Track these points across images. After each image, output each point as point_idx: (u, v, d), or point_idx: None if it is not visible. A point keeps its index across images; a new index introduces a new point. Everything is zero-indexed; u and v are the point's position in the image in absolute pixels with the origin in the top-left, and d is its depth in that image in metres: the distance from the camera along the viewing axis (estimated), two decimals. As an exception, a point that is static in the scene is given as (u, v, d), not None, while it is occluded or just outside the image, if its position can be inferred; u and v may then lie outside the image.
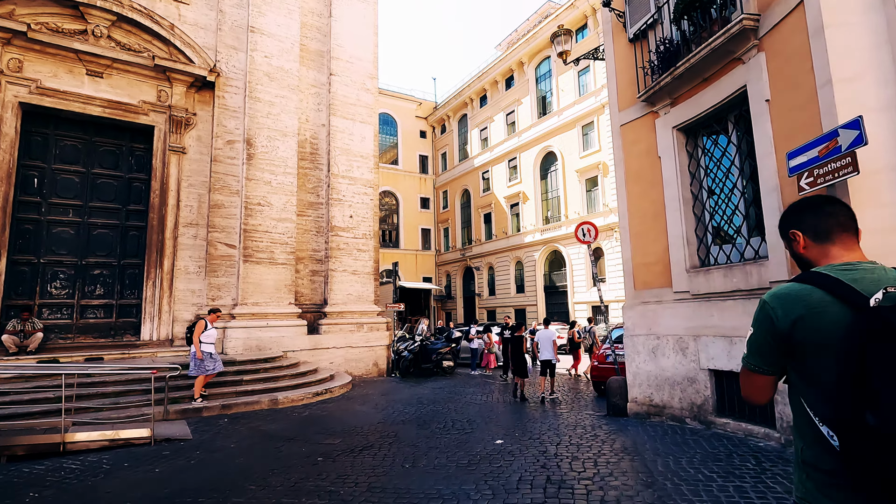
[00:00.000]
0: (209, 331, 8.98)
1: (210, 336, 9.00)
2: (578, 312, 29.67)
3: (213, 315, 9.29)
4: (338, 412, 9.23)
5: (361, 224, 14.24)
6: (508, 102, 36.01)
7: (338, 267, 13.83)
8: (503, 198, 36.04)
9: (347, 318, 13.69)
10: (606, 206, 28.02)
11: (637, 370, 7.64)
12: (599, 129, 28.87)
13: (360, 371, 13.62)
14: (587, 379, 13.10)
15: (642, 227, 7.76)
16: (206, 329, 8.94)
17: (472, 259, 39.07)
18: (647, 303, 7.60)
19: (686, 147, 7.27)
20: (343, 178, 14.18)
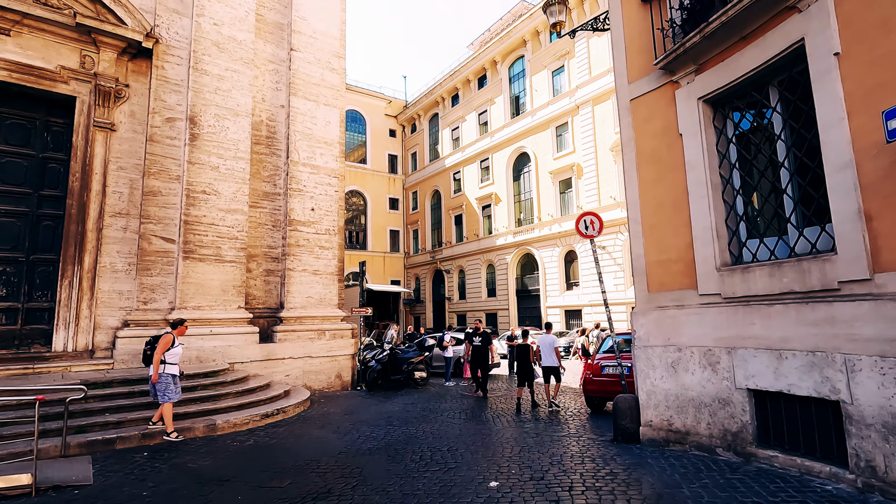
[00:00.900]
0: (176, 348, 7.26)
1: (176, 355, 7.27)
2: (551, 317, 28.68)
3: (181, 327, 7.55)
4: (290, 439, 7.57)
5: (324, 218, 12.57)
6: (481, 102, 34.91)
7: (297, 266, 12.11)
8: (475, 199, 34.85)
9: (307, 325, 11.97)
10: (580, 209, 27.17)
11: (652, 388, 6.36)
12: (573, 130, 28.07)
13: (320, 384, 11.92)
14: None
15: (658, 219, 6.51)
16: (172, 346, 7.21)
17: (442, 262, 37.66)
18: (664, 308, 6.33)
19: (714, 122, 6.07)
20: (304, 167, 12.49)
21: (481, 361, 11.34)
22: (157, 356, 7.06)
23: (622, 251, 24.98)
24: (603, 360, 9.21)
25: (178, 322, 7.60)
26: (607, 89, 26.03)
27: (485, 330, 11.78)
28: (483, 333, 11.49)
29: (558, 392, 9.97)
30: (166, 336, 7.23)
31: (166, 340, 7.16)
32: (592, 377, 9.17)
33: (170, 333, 7.32)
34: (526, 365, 9.72)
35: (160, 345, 7.10)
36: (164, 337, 7.22)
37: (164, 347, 7.11)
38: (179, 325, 7.56)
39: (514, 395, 11.47)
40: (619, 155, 26.15)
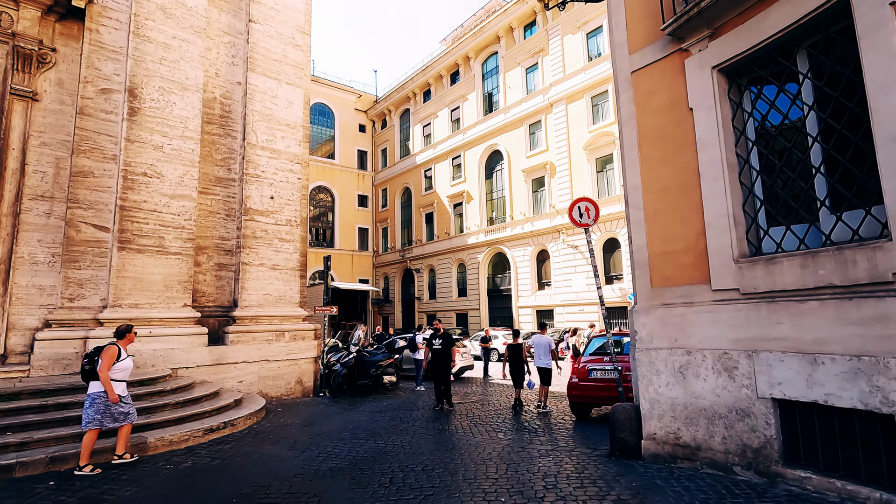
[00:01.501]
0: (123, 361, 6.04)
1: (124, 370, 6.06)
2: (523, 317, 28.08)
3: (129, 335, 6.27)
4: (237, 459, 6.41)
5: (285, 208, 11.36)
6: (453, 98, 34.06)
7: (253, 260, 10.86)
8: (446, 197, 33.95)
9: (264, 325, 10.74)
10: (553, 208, 26.69)
11: (656, 396, 5.56)
12: (547, 128, 27.57)
13: (278, 391, 10.71)
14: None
15: (663, 205, 5.72)
16: (119, 358, 5.98)
17: (412, 261, 36.59)
18: (670, 305, 5.55)
19: (729, 95, 5.32)
20: (263, 150, 11.24)
21: (442, 368, 9.49)
22: (105, 373, 5.75)
23: (594, 250, 24.55)
24: (590, 363, 8.42)
25: (125, 329, 6.26)
26: (581, 87, 25.64)
27: (446, 331, 10.11)
28: (444, 335, 9.75)
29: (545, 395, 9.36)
30: (110, 348, 5.92)
31: (111, 353, 5.87)
32: (579, 381, 8.37)
33: (114, 344, 6.03)
34: (518, 365, 9.56)
35: (104, 358, 5.80)
36: (107, 349, 5.89)
37: (110, 361, 5.83)
38: (127, 333, 6.25)
39: (492, 400, 10.59)
40: (593, 154, 25.89)
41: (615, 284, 23.92)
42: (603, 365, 8.19)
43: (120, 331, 6.21)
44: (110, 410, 5.80)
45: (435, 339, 9.82)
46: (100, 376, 5.72)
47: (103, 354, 5.83)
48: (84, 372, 5.85)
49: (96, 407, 5.72)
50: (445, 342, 9.67)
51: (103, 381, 5.71)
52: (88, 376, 5.83)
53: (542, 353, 9.35)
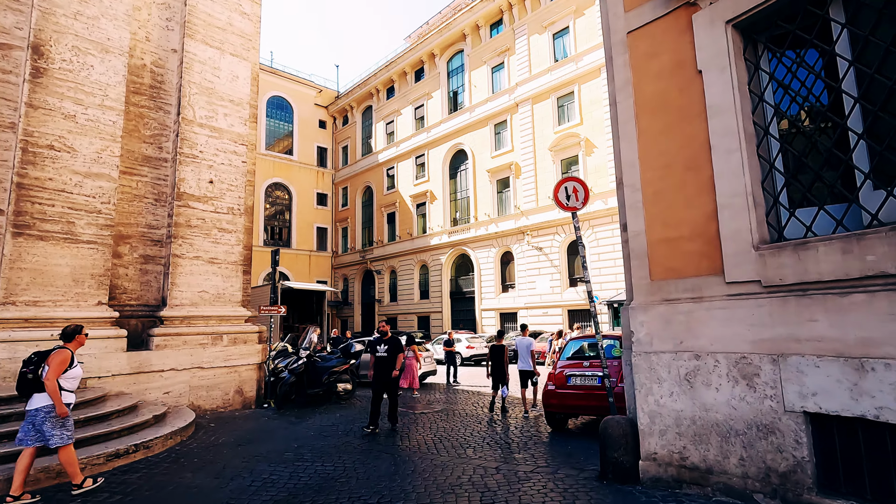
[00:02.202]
0: (74, 368, 5.08)
1: (75, 378, 5.11)
2: (486, 320, 27.27)
3: (79, 337, 5.25)
4: (145, 492, 5.07)
5: (227, 194, 9.95)
6: (417, 96, 33.04)
7: (187, 252, 9.39)
8: (409, 197, 32.82)
9: (199, 326, 9.29)
10: (518, 209, 26.08)
11: (656, 408, 4.67)
12: (512, 128, 26.98)
13: (214, 403, 9.27)
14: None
15: (665, 183, 4.87)
16: (71, 365, 5.03)
17: (372, 262, 35.19)
18: (674, 301, 4.68)
19: (745, 55, 4.53)
20: (202, 128, 9.80)
21: (386, 379, 7.83)
22: (53, 381, 4.78)
23: (559, 253, 24.08)
24: (568, 368, 7.53)
25: (74, 330, 5.21)
26: (547, 88, 25.19)
27: (393, 334, 8.52)
28: (391, 340, 8.03)
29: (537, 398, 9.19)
30: (62, 352, 4.96)
31: (63, 358, 4.92)
32: (556, 389, 7.44)
33: (65, 348, 5.05)
34: (500, 367, 9.16)
35: (54, 364, 4.84)
36: (58, 353, 4.93)
37: (61, 368, 4.88)
38: (77, 335, 5.21)
39: (458, 409, 9.55)
40: (559, 155, 25.47)
41: (579, 287, 23.47)
42: (583, 370, 7.31)
43: (67, 332, 5.17)
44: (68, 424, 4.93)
45: (379, 345, 7.97)
46: (45, 385, 4.76)
47: (52, 360, 4.85)
48: (24, 381, 4.83)
49: (52, 422, 4.80)
50: (392, 348, 7.88)
51: (50, 391, 4.75)
52: (31, 387, 4.82)
53: (523, 356, 8.99)
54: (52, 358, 4.87)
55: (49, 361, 4.84)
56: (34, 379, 4.80)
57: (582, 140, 23.50)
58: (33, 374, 4.82)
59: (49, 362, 4.83)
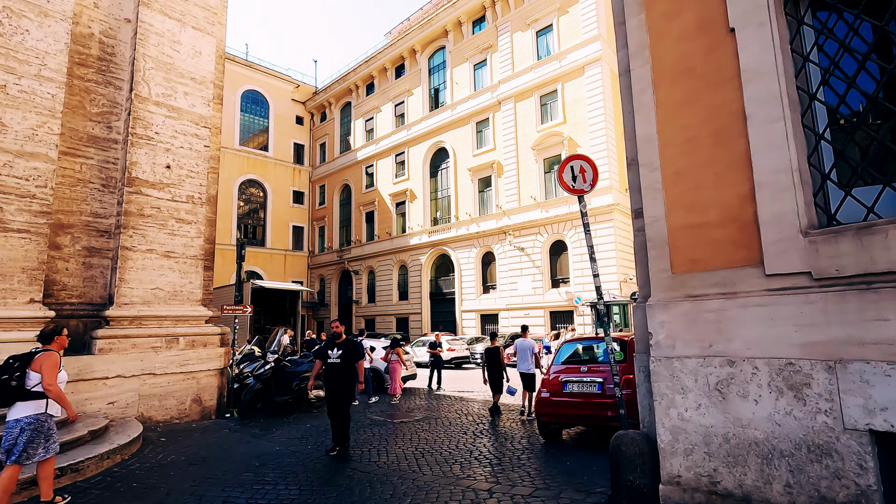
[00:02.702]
0: (61, 372, 4.56)
1: (62, 382, 4.58)
2: (466, 322, 26.53)
3: (59, 339, 4.71)
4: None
5: (186, 181, 8.93)
6: (398, 92, 32.17)
7: (139, 244, 8.33)
8: (388, 195, 31.89)
9: (151, 328, 8.23)
10: (500, 209, 25.45)
11: (680, 423, 3.96)
12: (494, 126, 26.36)
13: (168, 413, 8.22)
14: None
15: (689, 161, 4.17)
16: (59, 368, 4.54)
17: (350, 262, 34.09)
18: (700, 297, 3.98)
19: (786, 10, 3.87)
20: (158, 107, 8.76)
21: (339, 393, 6.26)
22: (56, 385, 4.34)
23: (541, 253, 23.52)
24: (564, 373, 6.79)
25: (54, 331, 4.67)
26: (530, 86, 24.66)
27: (349, 337, 6.86)
28: (346, 343, 6.44)
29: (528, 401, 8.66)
30: (50, 355, 4.43)
31: (54, 361, 4.42)
32: (550, 397, 6.70)
33: (49, 350, 4.50)
34: (497, 370, 8.88)
35: (48, 367, 4.34)
36: (47, 356, 4.40)
37: (55, 370, 4.39)
38: (57, 335, 4.67)
39: (441, 417, 8.73)
40: (541, 154, 24.95)
41: (561, 288, 22.96)
42: (580, 376, 6.59)
43: (46, 333, 4.63)
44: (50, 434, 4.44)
45: (331, 349, 6.35)
46: (48, 391, 4.30)
47: (41, 364, 4.33)
48: (7, 390, 4.24)
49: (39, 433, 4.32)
50: (348, 353, 6.31)
51: (56, 397, 4.34)
52: (13, 395, 4.26)
53: (524, 358, 8.69)
54: (40, 362, 4.33)
55: (37, 366, 4.32)
56: (19, 386, 4.26)
57: (565, 139, 23.02)
58: (16, 379, 4.26)
59: (37, 367, 4.32)
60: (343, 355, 6.34)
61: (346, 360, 6.35)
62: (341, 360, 6.32)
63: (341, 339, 6.53)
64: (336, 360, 6.34)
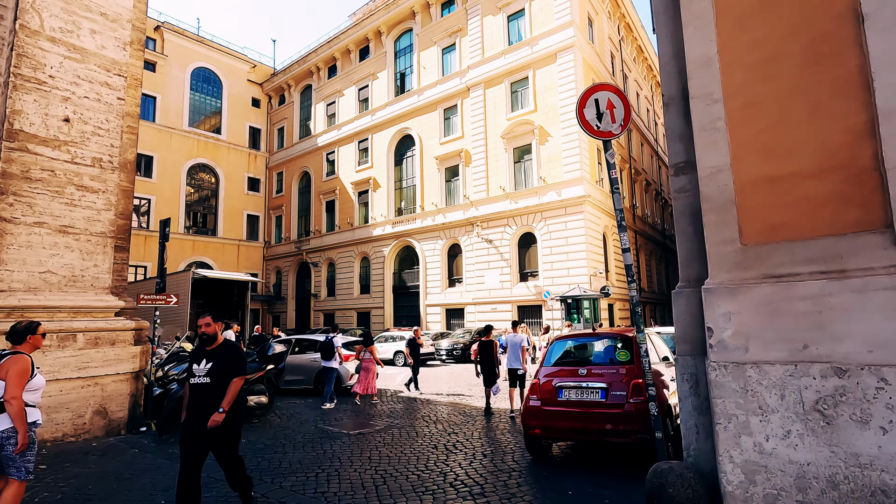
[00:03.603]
0: (36, 377, 3.56)
1: (38, 388, 3.59)
2: (431, 316, 25.18)
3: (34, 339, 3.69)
4: None
5: (93, 139, 7.10)
6: (362, 76, 30.31)
7: (24, 216, 6.47)
8: (350, 184, 30.04)
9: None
10: (467, 199, 24.19)
11: (756, 457, 2.74)
12: (463, 113, 25.05)
13: (59, 430, 6.41)
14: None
15: (767, 88, 2.95)
16: (32, 374, 3.51)
17: (309, 253, 32.02)
18: (786, 278, 2.77)
19: None
20: (55, 45, 6.88)
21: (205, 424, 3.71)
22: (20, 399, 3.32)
23: (509, 245, 22.45)
24: (557, 377, 5.53)
25: (27, 329, 3.66)
26: (500, 72, 23.47)
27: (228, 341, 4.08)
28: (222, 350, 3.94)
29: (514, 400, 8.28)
30: (18, 359, 3.44)
31: (23, 366, 3.43)
32: (542, 407, 5.42)
33: (19, 353, 3.51)
34: (491, 365, 8.59)
35: (13, 375, 3.36)
36: (14, 360, 3.42)
37: (23, 379, 3.41)
38: (30, 334, 3.66)
39: (408, 427, 7.32)
40: (511, 143, 23.85)
41: (530, 282, 21.97)
42: (579, 381, 5.34)
43: (17, 330, 3.65)
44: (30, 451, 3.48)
45: (198, 362, 3.89)
46: (8, 405, 3.29)
47: (10, 368, 3.36)
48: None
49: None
50: (226, 367, 3.85)
51: (15, 414, 3.29)
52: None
53: (513, 354, 8.37)
54: (6, 368, 3.38)
55: (3, 373, 3.37)
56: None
57: (536, 128, 21.99)
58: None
59: (3, 374, 3.38)
60: (215, 369, 3.79)
61: (219, 376, 3.78)
62: (212, 378, 3.77)
63: (215, 343, 3.92)
64: (203, 377, 3.79)
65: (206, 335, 3.90)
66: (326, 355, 9.86)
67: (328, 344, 9.88)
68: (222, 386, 3.78)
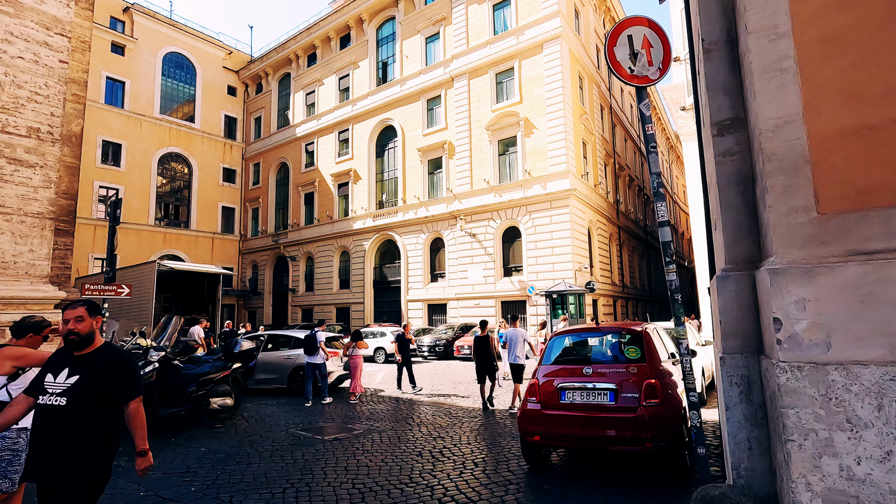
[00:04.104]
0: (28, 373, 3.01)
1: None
2: (412, 312, 24.44)
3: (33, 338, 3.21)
4: None
5: (28, 106, 6.13)
6: (343, 64, 29.25)
7: (-60, 191, 5.50)
8: (330, 175, 29.00)
9: (-42, 315, 5.46)
10: (450, 192, 23.49)
11: (844, 485, 2.11)
12: (447, 104, 24.32)
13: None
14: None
15: (851, 16, 2.32)
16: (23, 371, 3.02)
17: (287, 247, 30.87)
18: (880, 255, 2.15)
19: None
20: (-20, -6, 5.90)
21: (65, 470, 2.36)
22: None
23: (493, 240, 21.85)
24: (559, 377, 4.88)
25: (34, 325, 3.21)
26: (485, 62, 22.80)
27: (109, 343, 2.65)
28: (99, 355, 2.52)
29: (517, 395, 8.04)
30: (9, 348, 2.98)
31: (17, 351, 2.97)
32: (542, 410, 4.76)
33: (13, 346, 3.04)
34: (487, 359, 8.36)
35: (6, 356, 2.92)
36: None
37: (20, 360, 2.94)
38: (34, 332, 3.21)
39: (391, 431, 6.60)
40: (496, 135, 23.18)
41: (514, 277, 21.41)
42: (584, 381, 4.70)
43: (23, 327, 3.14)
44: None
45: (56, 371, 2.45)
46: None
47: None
48: None
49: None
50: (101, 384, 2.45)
51: None
52: None
53: (515, 348, 8.07)
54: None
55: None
56: None
57: (521, 120, 21.40)
58: None
59: None
60: (79, 387, 2.43)
61: (84, 399, 2.42)
62: (71, 400, 2.41)
63: (90, 347, 2.54)
64: (56, 397, 2.41)
65: (76, 335, 2.46)
66: (310, 350, 9.10)
67: (312, 338, 9.11)
68: (84, 414, 2.39)
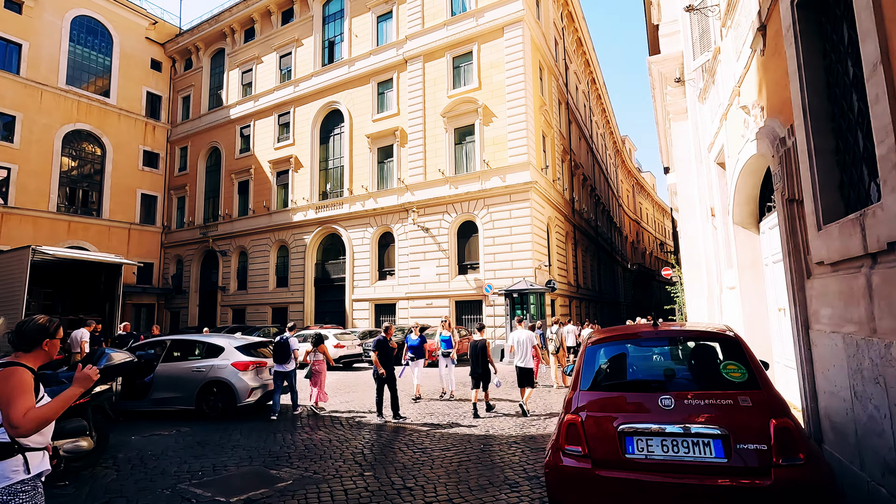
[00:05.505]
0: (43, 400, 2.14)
1: None
2: (358, 313, 21.90)
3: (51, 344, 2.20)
4: None
5: None
6: (284, 41, 26.15)
7: None
8: (268, 162, 25.78)
9: None
10: (402, 183, 21.24)
11: None
12: (399, 88, 22.06)
13: None
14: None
15: None
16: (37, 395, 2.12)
17: (217, 240, 27.17)
18: None
19: None
20: None
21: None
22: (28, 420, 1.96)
23: (448, 234, 19.84)
24: (616, 412, 2.87)
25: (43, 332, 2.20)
26: (442, 44, 20.82)
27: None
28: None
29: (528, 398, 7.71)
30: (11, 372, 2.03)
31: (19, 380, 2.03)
32: (594, 471, 2.73)
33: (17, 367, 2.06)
34: (483, 364, 7.80)
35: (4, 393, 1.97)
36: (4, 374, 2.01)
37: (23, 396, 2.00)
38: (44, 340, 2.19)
39: (341, 488, 4.31)
40: (452, 122, 21.29)
41: (470, 275, 19.49)
42: (664, 421, 2.71)
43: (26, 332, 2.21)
44: None
45: None
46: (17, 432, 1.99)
47: None
48: None
49: None
50: None
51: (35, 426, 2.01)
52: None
53: (523, 352, 7.81)
54: None
55: None
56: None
57: (480, 107, 19.60)
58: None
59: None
60: None
61: None
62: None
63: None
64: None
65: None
66: (281, 358, 7.78)
67: (283, 344, 7.81)
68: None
